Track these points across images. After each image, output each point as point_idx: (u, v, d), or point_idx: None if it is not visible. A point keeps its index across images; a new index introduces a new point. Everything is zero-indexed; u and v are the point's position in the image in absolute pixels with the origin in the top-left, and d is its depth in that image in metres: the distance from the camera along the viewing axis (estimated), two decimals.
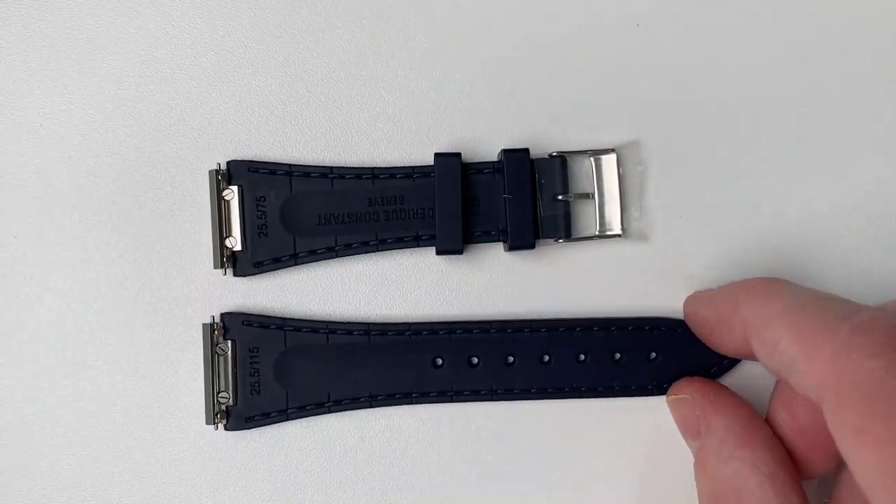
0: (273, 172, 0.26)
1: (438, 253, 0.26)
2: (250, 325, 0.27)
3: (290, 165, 0.27)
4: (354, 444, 0.27)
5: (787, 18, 0.28)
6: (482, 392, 0.27)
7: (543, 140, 0.27)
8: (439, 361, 0.27)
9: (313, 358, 0.27)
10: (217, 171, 0.26)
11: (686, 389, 0.25)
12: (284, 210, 0.26)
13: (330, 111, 0.27)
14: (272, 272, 0.27)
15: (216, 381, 0.26)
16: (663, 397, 0.27)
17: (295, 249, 0.26)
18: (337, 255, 0.27)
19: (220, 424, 0.26)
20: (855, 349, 0.17)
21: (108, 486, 0.27)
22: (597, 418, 0.27)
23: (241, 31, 0.27)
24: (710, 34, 0.28)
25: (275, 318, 0.27)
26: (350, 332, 0.27)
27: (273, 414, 0.26)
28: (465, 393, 0.27)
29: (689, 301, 0.26)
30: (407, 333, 0.27)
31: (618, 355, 0.27)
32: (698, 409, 0.24)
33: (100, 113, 0.27)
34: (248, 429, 0.27)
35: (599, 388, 0.27)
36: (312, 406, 0.27)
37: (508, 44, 0.28)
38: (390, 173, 0.27)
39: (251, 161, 0.27)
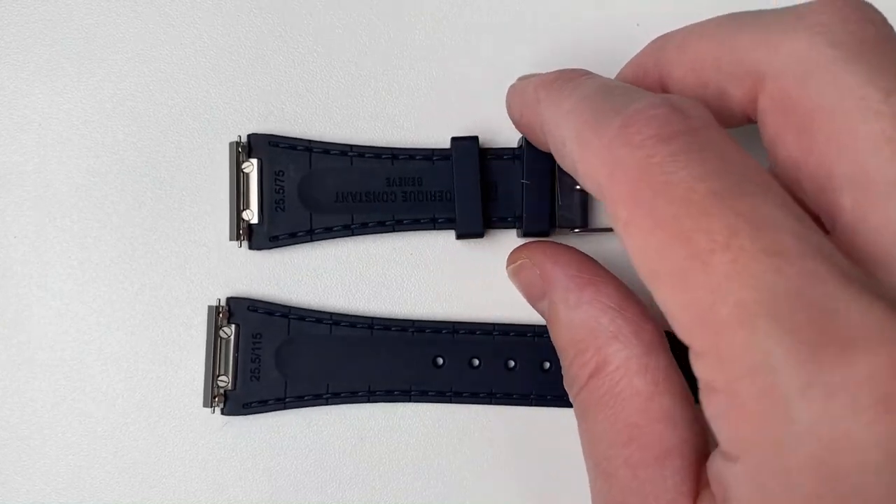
0: (293, 147, 0.26)
1: (459, 237, 0.26)
2: (255, 310, 0.27)
3: (309, 141, 0.27)
4: (354, 444, 0.27)
5: None
6: (481, 395, 0.27)
7: None
8: (440, 361, 0.27)
9: (315, 348, 0.27)
10: (237, 144, 0.26)
11: (522, 255, 0.24)
12: (303, 186, 0.26)
13: (349, 92, 0.27)
14: (279, 256, 0.27)
15: (217, 364, 0.26)
16: None
17: (311, 225, 0.26)
18: (353, 234, 0.27)
19: (216, 408, 0.26)
20: (622, 143, 0.17)
21: (108, 486, 0.27)
22: None
23: (246, 24, 0.27)
24: None
25: (280, 305, 0.27)
26: (353, 325, 0.27)
27: (271, 402, 0.26)
28: (464, 395, 0.27)
29: (511, 89, 0.24)
30: (410, 330, 0.27)
31: None
32: (537, 269, 0.23)
33: (100, 113, 0.27)
34: (245, 415, 0.27)
35: None
36: (311, 397, 0.27)
37: (531, 35, 0.28)
38: (409, 154, 0.27)
39: (271, 135, 0.27)
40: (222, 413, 0.26)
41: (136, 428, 0.27)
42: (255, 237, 0.26)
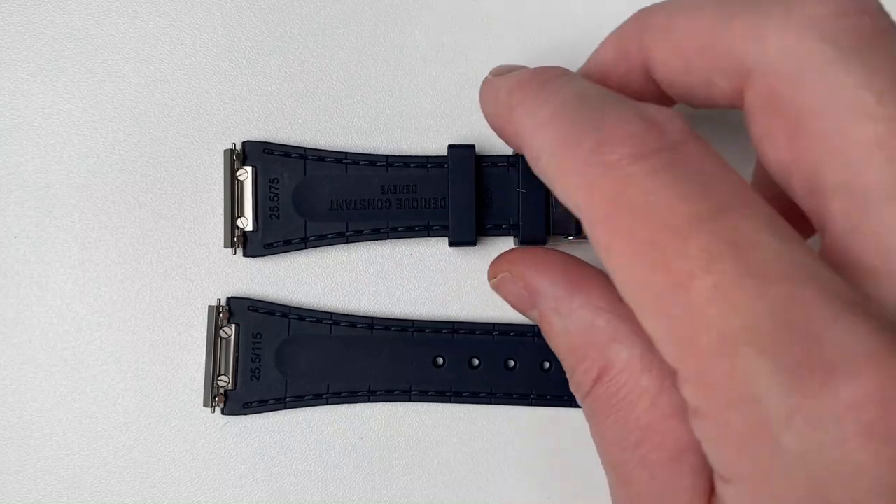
0: (288, 155, 0.27)
1: (451, 244, 0.26)
2: (255, 310, 0.27)
3: (304, 149, 0.27)
4: (354, 443, 0.27)
5: None
6: (481, 395, 0.27)
7: None
8: (440, 361, 0.27)
9: (315, 348, 0.27)
10: (232, 151, 0.26)
11: (501, 268, 0.23)
12: (297, 193, 0.26)
13: (348, 93, 0.27)
14: (279, 256, 0.27)
15: (217, 364, 0.26)
16: None
17: (306, 233, 0.26)
18: (348, 241, 0.27)
19: (217, 408, 0.26)
20: (597, 163, 0.16)
21: (108, 486, 0.27)
22: None
23: (246, 25, 0.27)
24: None
25: (280, 305, 0.27)
26: (353, 325, 0.27)
27: (271, 401, 0.26)
28: (464, 395, 0.27)
29: (484, 84, 0.22)
30: (410, 330, 0.27)
31: None
32: (519, 280, 0.22)
33: (100, 113, 0.27)
34: (245, 415, 0.27)
35: None
36: (311, 397, 0.27)
37: (528, 40, 0.28)
38: (404, 162, 0.27)
39: (266, 142, 0.27)
40: (222, 413, 0.26)
41: (136, 428, 0.27)
42: (250, 244, 0.26)
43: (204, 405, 0.26)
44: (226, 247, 0.26)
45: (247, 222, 0.26)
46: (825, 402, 0.13)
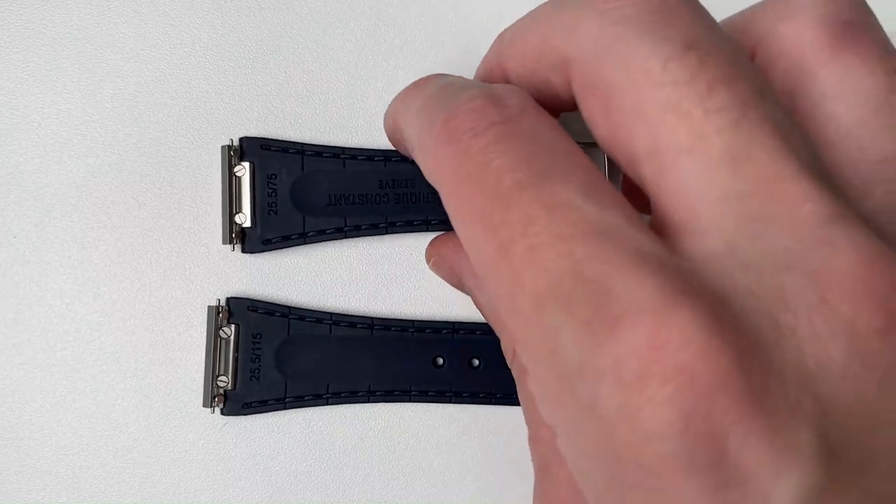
0: (285, 151, 0.27)
1: None
2: (255, 310, 0.27)
3: (302, 144, 0.27)
4: (354, 443, 0.27)
5: None
6: (481, 395, 0.27)
7: None
8: (440, 361, 0.27)
9: (315, 349, 0.27)
10: (229, 147, 0.26)
11: (432, 252, 0.25)
12: (295, 189, 0.26)
13: (349, 92, 0.28)
14: (279, 256, 0.27)
15: (216, 364, 0.26)
16: None
17: (304, 228, 0.27)
18: (346, 237, 0.27)
19: (216, 408, 0.26)
20: (444, 140, 0.17)
21: (108, 486, 0.27)
22: None
23: (245, 25, 0.27)
24: None
25: (280, 305, 0.27)
26: (353, 325, 0.27)
27: (270, 402, 0.26)
28: (464, 395, 0.27)
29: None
30: (410, 330, 0.27)
31: None
32: (447, 262, 0.24)
33: (99, 112, 0.27)
34: (245, 415, 0.27)
35: None
36: (311, 397, 0.27)
37: None
38: (402, 156, 0.27)
39: (264, 138, 0.27)
40: (222, 413, 0.26)
41: (136, 428, 0.27)
42: (248, 240, 0.27)
43: (203, 405, 0.26)
44: (224, 243, 0.26)
45: (245, 218, 0.26)
46: (608, 352, 0.14)
